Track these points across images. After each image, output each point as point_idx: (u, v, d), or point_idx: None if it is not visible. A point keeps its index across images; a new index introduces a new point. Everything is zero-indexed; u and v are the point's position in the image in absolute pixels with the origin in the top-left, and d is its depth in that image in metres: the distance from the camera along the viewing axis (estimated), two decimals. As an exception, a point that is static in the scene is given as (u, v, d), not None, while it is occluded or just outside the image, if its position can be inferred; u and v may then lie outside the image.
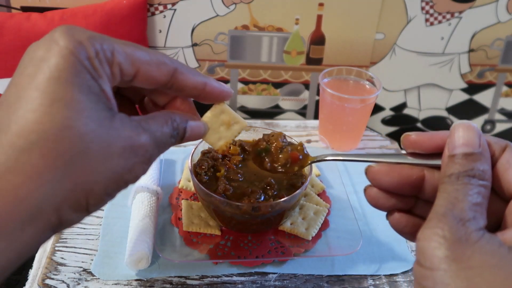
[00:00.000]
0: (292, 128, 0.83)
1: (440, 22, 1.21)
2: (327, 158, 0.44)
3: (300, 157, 0.49)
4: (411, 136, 0.33)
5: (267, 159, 0.50)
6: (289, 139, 0.54)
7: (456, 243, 0.26)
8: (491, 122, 1.39)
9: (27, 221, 0.27)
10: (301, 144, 0.51)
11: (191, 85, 0.37)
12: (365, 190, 0.36)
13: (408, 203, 0.35)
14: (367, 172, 0.35)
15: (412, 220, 0.35)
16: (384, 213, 0.60)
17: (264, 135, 0.53)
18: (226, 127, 0.47)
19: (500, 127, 1.40)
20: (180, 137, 0.37)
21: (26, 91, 0.28)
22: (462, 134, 0.30)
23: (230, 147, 0.59)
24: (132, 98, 0.41)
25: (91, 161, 0.29)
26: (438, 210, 0.28)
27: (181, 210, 0.61)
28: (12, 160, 0.27)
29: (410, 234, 0.35)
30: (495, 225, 0.31)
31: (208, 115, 0.43)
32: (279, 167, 0.49)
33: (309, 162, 0.49)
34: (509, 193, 0.30)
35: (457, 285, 0.25)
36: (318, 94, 1.30)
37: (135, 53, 0.33)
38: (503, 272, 0.25)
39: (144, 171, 0.34)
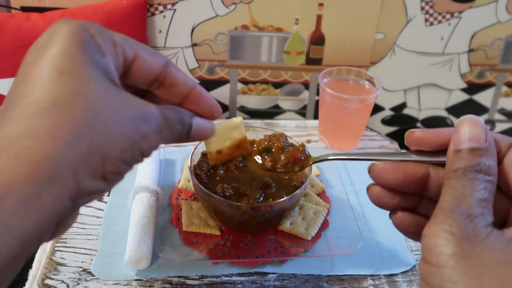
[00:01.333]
0: (292, 128, 0.83)
1: (440, 22, 1.21)
2: (329, 158, 0.43)
3: (302, 157, 0.49)
4: (416, 133, 0.33)
5: (268, 159, 0.50)
6: (290, 140, 0.54)
7: (464, 240, 0.26)
8: (491, 122, 1.39)
9: (44, 185, 0.26)
10: (302, 145, 0.51)
11: (183, 81, 0.38)
12: (368, 188, 0.35)
13: (412, 201, 0.35)
14: (370, 170, 0.34)
15: (416, 219, 0.34)
16: (384, 213, 0.60)
17: (265, 135, 0.52)
18: (230, 143, 0.46)
19: (500, 127, 1.40)
20: (187, 130, 0.38)
21: (32, 71, 0.29)
22: (468, 129, 0.29)
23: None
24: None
25: (104, 123, 0.29)
26: (444, 206, 0.28)
27: (181, 210, 0.61)
28: (24, 126, 0.27)
29: (414, 233, 0.34)
30: (499, 223, 0.30)
31: (220, 122, 0.43)
32: (280, 167, 0.49)
33: (311, 162, 0.48)
34: None
35: (466, 282, 0.25)
36: (318, 94, 1.30)
37: (131, 39, 0.34)
38: None
39: (157, 143, 0.34)
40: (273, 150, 0.50)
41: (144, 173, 0.63)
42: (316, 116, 1.34)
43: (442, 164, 0.32)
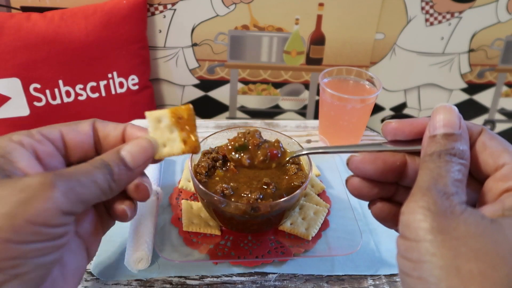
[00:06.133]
0: (292, 128, 0.83)
1: (440, 22, 1.21)
2: (304, 152, 0.44)
3: (279, 154, 0.50)
4: (392, 123, 0.34)
5: (245, 156, 0.50)
6: (264, 136, 0.55)
7: (441, 215, 0.27)
8: (491, 122, 1.39)
9: None
10: (277, 141, 0.52)
11: (113, 127, 0.39)
12: (347, 180, 0.36)
13: (389, 191, 0.36)
14: (349, 162, 0.35)
15: (393, 208, 0.36)
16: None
17: (239, 132, 0.53)
18: (178, 127, 0.41)
19: (500, 127, 1.40)
20: (123, 166, 0.36)
21: None
22: (443, 116, 0.31)
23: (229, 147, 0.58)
24: None
25: None
26: (421, 185, 0.29)
27: (181, 210, 0.60)
28: None
29: (392, 221, 0.36)
30: (470, 205, 0.32)
31: (149, 131, 0.40)
32: (258, 164, 0.50)
33: (288, 158, 0.49)
34: (485, 173, 0.31)
35: (443, 254, 0.26)
36: (318, 94, 1.30)
37: (52, 125, 0.37)
38: (488, 241, 0.26)
39: (61, 210, 0.31)
40: (249, 147, 0.51)
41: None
42: (316, 116, 1.34)
43: (417, 152, 0.34)
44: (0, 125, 1.07)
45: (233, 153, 0.51)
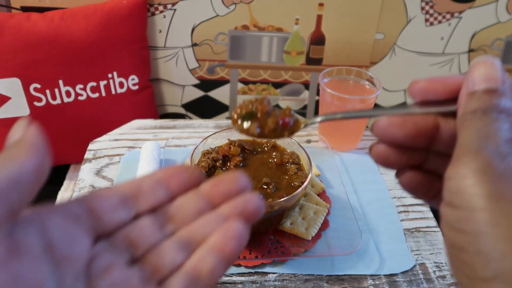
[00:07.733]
0: (292, 128, 0.83)
1: (440, 22, 1.21)
2: (319, 119, 0.39)
3: (291, 122, 0.44)
4: (421, 82, 0.30)
5: (254, 124, 0.44)
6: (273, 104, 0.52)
7: (499, 179, 0.23)
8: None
9: None
10: (289, 109, 0.46)
11: None
12: (371, 148, 0.32)
13: (419, 157, 0.32)
14: (374, 126, 0.31)
15: (424, 177, 0.32)
16: (384, 213, 0.60)
17: (244, 100, 0.46)
18: None
19: (500, 127, 1.40)
20: None
21: None
22: (483, 71, 0.27)
23: (230, 148, 0.59)
24: None
25: None
26: (469, 145, 0.25)
27: (181, 210, 0.60)
28: None
29: (422, 192, 0.32)
30: None
31: None
32: (269, 133, 0.44)
33: (303, 125, 0.44)
34: None
35: (507, 223, 0.23)
36: (318, 94, 1.30)
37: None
38: None
39: None
40: (258, 115, 0.45)
41: (144, 173, 0.63)
42: (316, 116, 1.34)
43: (451, 113, 0.30)
44: (0, 125, 1.07)
45: (239, 122, 0.45)
